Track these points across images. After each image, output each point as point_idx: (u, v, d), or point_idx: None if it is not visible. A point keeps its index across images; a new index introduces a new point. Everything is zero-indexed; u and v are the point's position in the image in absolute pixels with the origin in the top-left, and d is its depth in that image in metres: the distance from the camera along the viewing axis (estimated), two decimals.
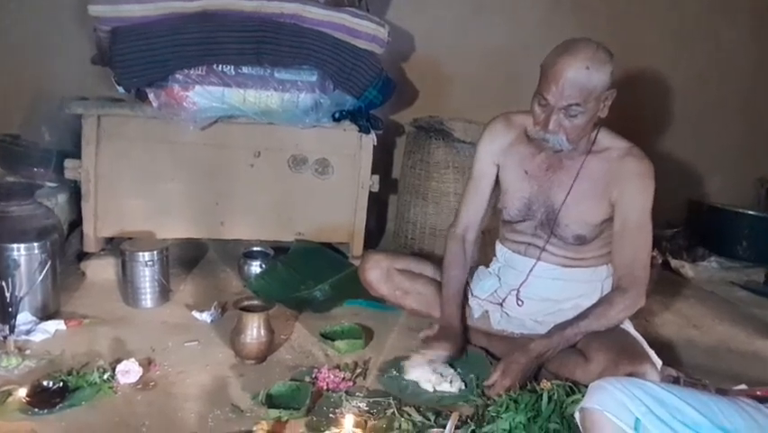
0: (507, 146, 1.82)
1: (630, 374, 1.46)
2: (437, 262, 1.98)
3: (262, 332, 1.79)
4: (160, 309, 2.15)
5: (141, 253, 2.14)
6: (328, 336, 1.94)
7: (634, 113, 3.21)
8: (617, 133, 1.76)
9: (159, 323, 2.05)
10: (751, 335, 2.21)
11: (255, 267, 2.39)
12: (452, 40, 3.06)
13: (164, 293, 2.21)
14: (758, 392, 1.71)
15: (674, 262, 2.91)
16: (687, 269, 2.89)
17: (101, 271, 2.34)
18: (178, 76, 2.34)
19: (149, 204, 2.45)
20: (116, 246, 2.33)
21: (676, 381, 1.70)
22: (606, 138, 1.72)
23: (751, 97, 3.48)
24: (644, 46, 3.16)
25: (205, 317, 2.08)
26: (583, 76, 1.53)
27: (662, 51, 3.25)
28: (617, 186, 1.67)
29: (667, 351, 1.91)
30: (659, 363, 1.65)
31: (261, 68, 2.40)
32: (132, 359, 1.70)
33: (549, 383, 1.54)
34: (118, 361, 1.70)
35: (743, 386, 1.74)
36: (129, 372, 1.67)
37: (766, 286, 2.78)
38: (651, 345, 1.71)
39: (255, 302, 1.88)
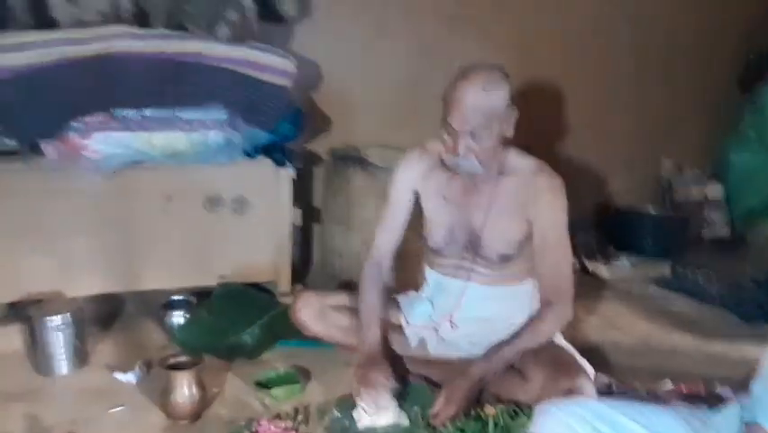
0: (425, 173, 1.85)
1: (568, 389, 1.50)
2: None
3: (194, 390, 1.70)
4: (77, 375, 2.00)
5: (51, 318, 1.99)
6: (264, 384, 1.87)
7: (535, 123, 3.36)
8: (524, 146, 1.82)
9: (78, 390, 1.91)
10: (667, 329, 2.34)
11: (178, 317, 2.27)
12: (358, 65, 3.06)
13: (81, 357, 2.06)
14: (684, 389, 1.81)
15: (590, 265, 3.04)
16: (602, 270, 3.03)
17: (5, 340, 2.14)
18: (75, 124, 2.21)
19: (53, 262, 2.27)
20: (21, 311, 2.15)
21: (609, 387, 1.76)
22: (516, 158, 1.79)
23: (640, 100, 3.69)
24: (540, 58, 3.29)
25: (129, 377, 1.95)
26: (481, 99, 1.60)
27: (558, 61, 3.39)
28: (532, 204, 1.74)
29: (595, 355, 1.98)
30: (592, 371, 1.71)
31: (166, 109, 2.31)
32: None
33: (493, 409, 1.55)
34: None
35: (669, 383, 1.83)
36: None
37: (674, 280, 2.94)
38: (580, 352, 1.78)
39: (182, 358, 1.79)
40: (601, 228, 3.47)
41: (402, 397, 1.73)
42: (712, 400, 1.72)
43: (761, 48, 3.82)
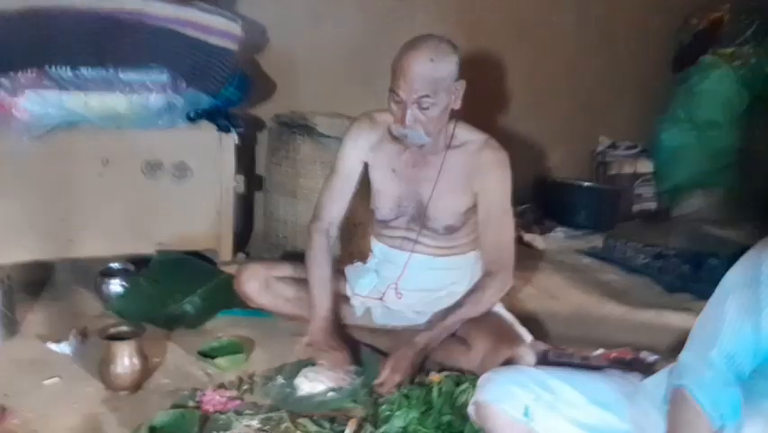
0: (374, 144, 1.85)
1: (509, 358, 1.57)
2: None
3: (135, 360, 1.67)
4: (7, 346, 1.92)
5: None
6: (207, 354, 1.85)
7: (476, 95, 3.40)
8: (469, 118, 1.85)
9: (8, 362, 1.83)
10: (600, 299, 2.45)
11: (115, 285, 2.21)
12: (307, 31, 3.00)
13: (10, 326, 1.98)
14: (613, 355, 1.91)
15: (527, 236, 3.13)
16: (538, 241, 3.12)
17: None
18: (2, 80, 2.08)
19: None
20: None
21: (545, 354, 1.84)
22: (463, 132, 1.81)
23: (579, 77, 3.79)
24: (484, 32, 3.32)
25: (64, 348, 1.89)
26: (428, 68, 1.61)
27: (504, 36, 3.44)
28: (478, 177, 1.77)
29: (533, 324, 2.05)
30: (530, 338, 1.78)
31: (104, 68, 2.20)
32: None
33: (438, 375, 1.60)
34: None
35: (600, 350, 1.93)
36: None
37: (604, 251, 3.08)
38: (518, 320, 1.85)
39: (122, 327, 1.74)
40: (538, 200, 3.58)
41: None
42: (637, 365, 1.82)
43: (692, 30, 3.98)
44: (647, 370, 1.58)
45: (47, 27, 2.07)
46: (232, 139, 2.44)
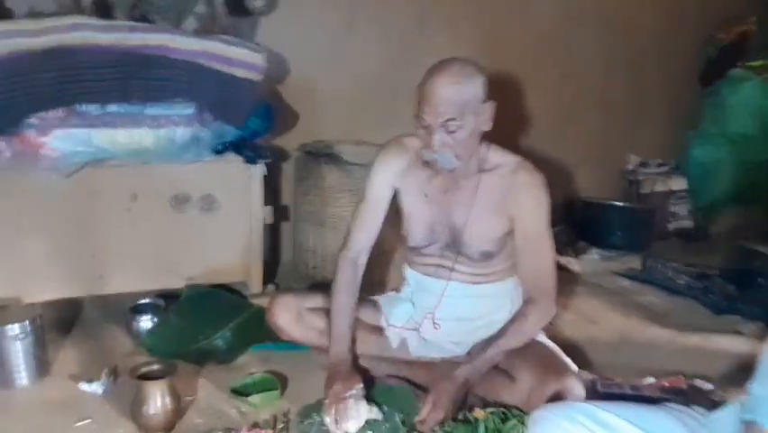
0: (404, 170, 1.81)
1: (557, 391, 1.48)
2: None
3: (167, 400, 1.62)
4: (39, 386, 1.89)
5: (8, 327, 1.87)
6: (240, 391, 1.80)
7: (503, 118, 3.36)
8: (494, 141, 1.79)
9: (40, 403, 1.80)
10: (643, 323, 2.35)
11: (145, 322, 2.18)
12: (327, 59, 3.00)
13: (42, 367, 1.95)
14: (665, 383, 1.82)
15: (562, 260, 3.05)
16: (574, 264, 3.04)
17: None
18: (32, 120, 2.09)
19: (9, 266, 2.16)
20: None
21: (593, 385, 1.76)
22: (496, 155, 1.76)
23: (605, 96, 3.74)
24: (508, 54, 3.29)
25: (96, 387, 1.85)
26: (452, 91, 1.58)
27: (526, 58, 3.40)
28: (513, 200, 1.71)
29: (575, 352, 1.96)
30: (575, 368, 1.70)
31: (130, 104, 2.20)
32: None
33: (483, 412, 1.52)
34: None
35: (651, 379, 1.84)
36: None
37: (644, 273, 2.98)
38: (561, 349, 1.77)
39: (154, 367, 1.70)
40: (570, 222, 3.50)
41: (385, 401, 1.69)
42: (693, 394, 1.73)
43: (719, 44, 3.91)
44: (704, 399, 1.49)
45: (73, 65, 2.07)
46: (259, 170, 2.43)
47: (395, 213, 1.87)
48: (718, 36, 3.89)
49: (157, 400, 1.61)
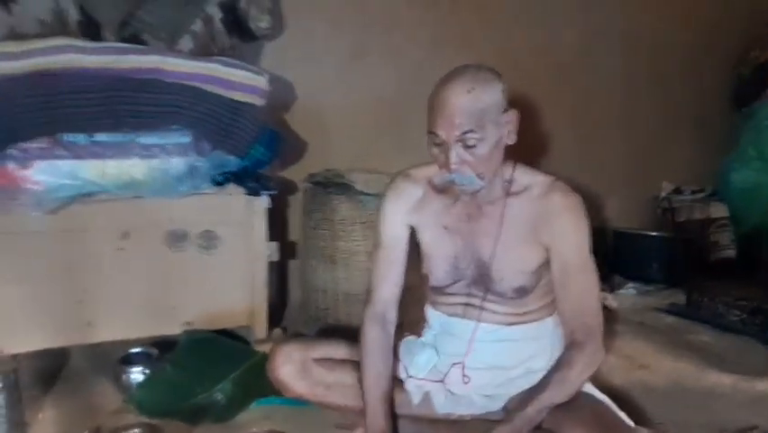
0: (417, 204, 1.58)
1: None
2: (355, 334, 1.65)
3: None
4: None
5: None
6: None
7: (524, 145, 3.17)
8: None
9: None
10: (700, 367, 2.07)
11: (136, 374, 1.95)
12: (336, 85, 2.84)
13: (17, 428, 1.70)
14: None
15: None
16: (610, 300, 2.79)
17: None
18: (12, 152, 1.90)
19: None
20: None
21: None
22: (524, 175, 1.53)
23: (631, 119, 3.54)
24: (529, 78, 3.11)
25: None
26: (468, 100, 1.36)
27: (547, 81, 3.23)
28: (547, 226, 1.48)
29: (625, 403, 1.69)
30: (632, 424, 1.43)
31: (120, 133, 2.01)
32: None
33: None
34: None
35: None
36: None
37: (689, 308, 2.71)
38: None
39: (135, 430, 1.46)
40: (601, 254, 3.24)
41: None
42: None
43: (752, 63, 3.70)
44: None
45: (58, 91, 1.89)
46: (263, 203, 2.22)
47: (413, 248, 1.64)
48: (752, 54, 3.69)
49: None
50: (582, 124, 3.37)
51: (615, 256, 3.22)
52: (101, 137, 1.99)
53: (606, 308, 2.73)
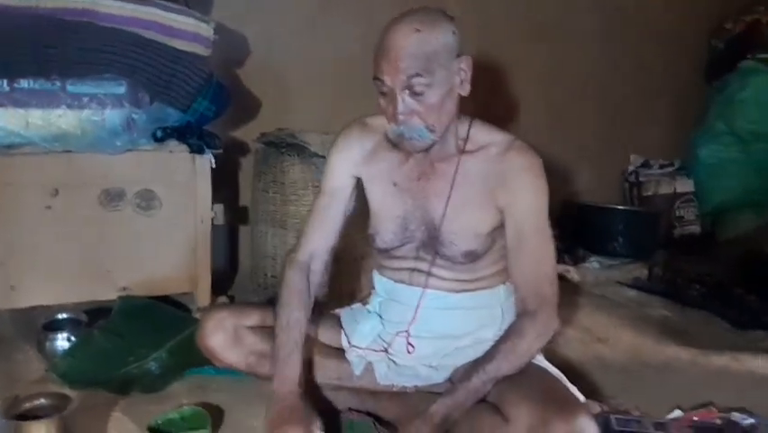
0: (368, 155, 1.47)
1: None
2: None
3: None
4: None
5: None
6: (161, 430, 1.43)
7: (492, 112, 3.08)
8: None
9: None
10: (658, 341, 2.01)
11: (61, 341, 1.81)
12: (297, 42, 2.68)
13: None
14: (695, 417, 1.47)
15: (559, 268, 2.71)
16: (572, 273, 2.73)
17: None
18: None
19: None
20: None
21: (606, 420, 1.40)
22: (481, 133, 1.42)
23: (604, 89, 3.47)
24: (502, 45, 3.01)
25: None
26: (414, 41, 1.24)
27: (520, 49, 3.13)
28: (503, 188, 1.37)
29: (579, 376, 1.63)
30: (582, 399, 1.34)
31: (47, 80, 1.85)
32: None
33: None
34: None
35: (677, 412, 1.49)
36: None
37: (651, 282, 2.66)
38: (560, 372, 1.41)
39: (41, 401, 1.33)
40: (566, 227, 3.18)
41: None
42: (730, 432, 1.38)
43: (726, 35, 3.64)
44: None
45: None
46: (207, 161, 2.07)
47: (365, 209, 1.52)
48: (726, 27, 3.63)
49: None
50: (554, 92, 3.29)
51: (580, 230, 3.15)
52: (24, 83, 1.83)
53: (568, 282, 2.67)
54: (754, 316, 2.26)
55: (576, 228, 3.16)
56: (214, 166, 2.08)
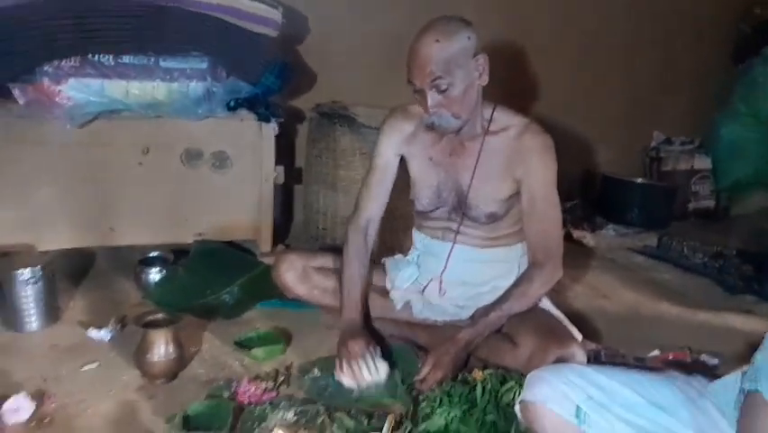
0: (409, 136, 1.78)
1: (559, 357, 1.46)
2: None
3: (171, 348, 1.64)
4: (48, 331, 1.92)
5: (20, 271, 1.89)
6: (244, 344, 1.81)
7: (522, 86, 3.27)
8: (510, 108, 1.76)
9: (49, 347, 1.83)
10: (655, 299, 2.32)
11: (154, 274, 2.19)
12: (348, 20, 2.95)
13: (52, 312, 1.98)
14: (670, 356, 1.79)
15: (576, 233, 3.01)
16: (588, 239, 2.99)
17: None
18: (47, 68, 2.09)
19: (22, 214, 2.18)
20: None
21: (597, 354, 1.73)
22: (503, 116, 1.72)
23: (631, 67, 3.64)
24: (530, 16, 3.21)
25: (103, 334, 1.88)
26: (434, 49, 1.54)
27: (549, 23, 3.32)
28: (520, 163, 1.68)
29: (582, 323, 1.94)
30: (580, 337, 1.67)
31: (145, 56, 2.19)
32: (22, 393, 1.50)
33: (481, 373, 1.52)
34: (4, 398, 1.48)
35: (656, 352, 1.81)
36: (19, 409, 1.47)
37: (659, 250, 2.92)
38: (569, 320, 1.74)
39: (159, 316, 1.72)
40: (587, 196, 3.44)
41: (387, 359, 1.68)
42: (697, 369, 1.70)
43: (754, 20, 3.76)
44: (709, 374, 1.47)
45: (89, 13, 2.06)
46: (271, 128, 2.41)
47: (404, 179, 1.84)
48: (755, 11, 3.75)
49: (160, 348, 1.62)
50: (583, 68, 3.47)
51: (600, 199, 3.41)
52: (126, 59, 2.17)
53: (584, 246, 2.96)
54: (747, 283, 2.51)
55: (596, 198, 3.42)
56: (277, 133, 2.41)
